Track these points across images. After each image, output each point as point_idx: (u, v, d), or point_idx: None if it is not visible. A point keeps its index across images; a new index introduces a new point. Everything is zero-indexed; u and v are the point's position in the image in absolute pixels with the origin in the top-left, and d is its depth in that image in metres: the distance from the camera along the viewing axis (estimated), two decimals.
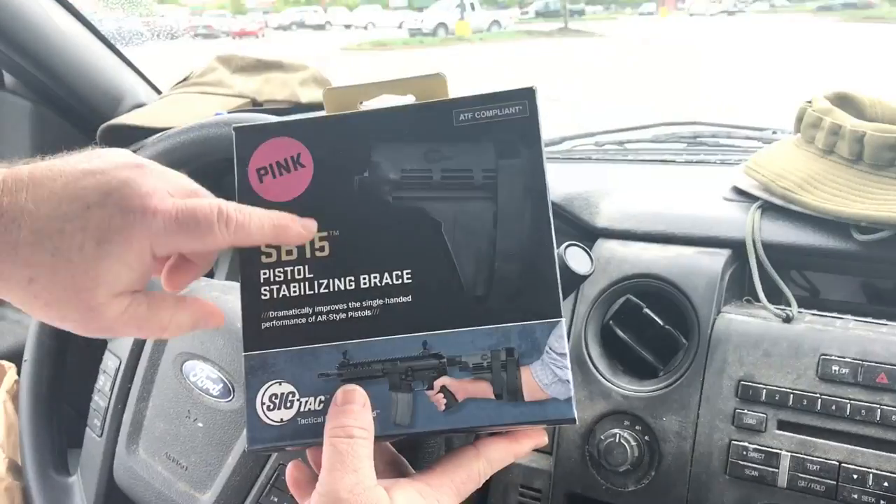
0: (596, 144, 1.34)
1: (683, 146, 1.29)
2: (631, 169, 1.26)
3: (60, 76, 1.17)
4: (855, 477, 0.71)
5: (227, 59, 1.37)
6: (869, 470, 0.71)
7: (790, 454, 0.74)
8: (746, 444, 0.76)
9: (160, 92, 1.40)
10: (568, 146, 1.35)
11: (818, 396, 0.74)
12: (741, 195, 0.94)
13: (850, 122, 0.86)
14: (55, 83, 1.18)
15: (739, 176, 0.95)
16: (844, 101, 0.92)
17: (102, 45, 1.22)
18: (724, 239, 0.87)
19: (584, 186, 0.99)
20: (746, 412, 0.76)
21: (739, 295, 0.87)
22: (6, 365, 1.34)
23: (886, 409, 0.71)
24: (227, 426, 0.91)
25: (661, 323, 0.84)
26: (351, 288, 0.49)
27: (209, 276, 1.30)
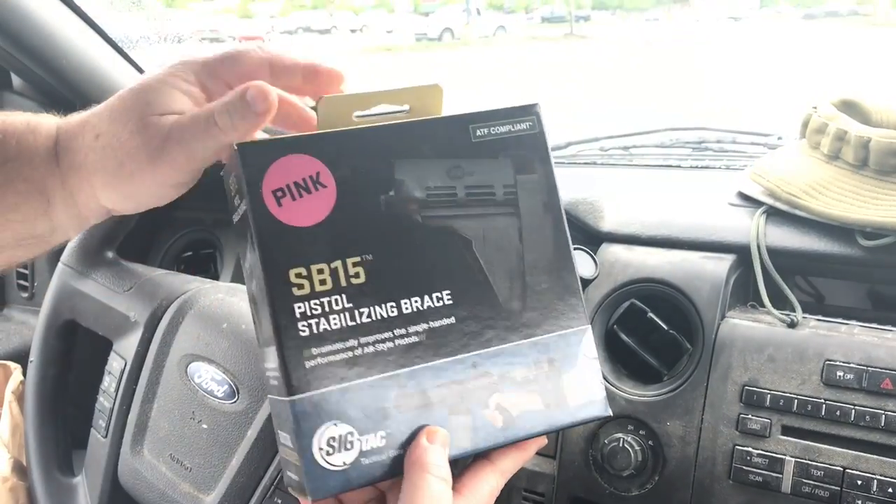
0: (601, 149, 1.34)
1: (688, 151, 1.29)
2: (636, 174, 1.26)
3: (68, 78, 1.17)
4: (859, 483, 0.71)
5: None
6: (873, 476, 0.71)
7: (794, 460, 0.74)
8: (750, 449, 0.76)
9: None
10: (573, 151, 1.35)
11: (822, 402, 0.74)
12: (746, 200, 0.94)
13: (855, 127, 0.86)
14: (62, 85, 1.18)
15: (744, 181, 0.95)
16: (850, 107, 0.92)
17: (110, 47, 1.23)
18: (728, 244, 0.88)
19: (589, 191, 1.00)
20: (750, 417, 0.76)
21: (744, 300, 0.87)
22: (12, 366, 1.35)
23: (891, 414, 0.71)
24: (231, 428, 0.91)
25: (665, 327, 0.84)
26: (394, 315, 0.47)
27: (214, 277, 1.30)
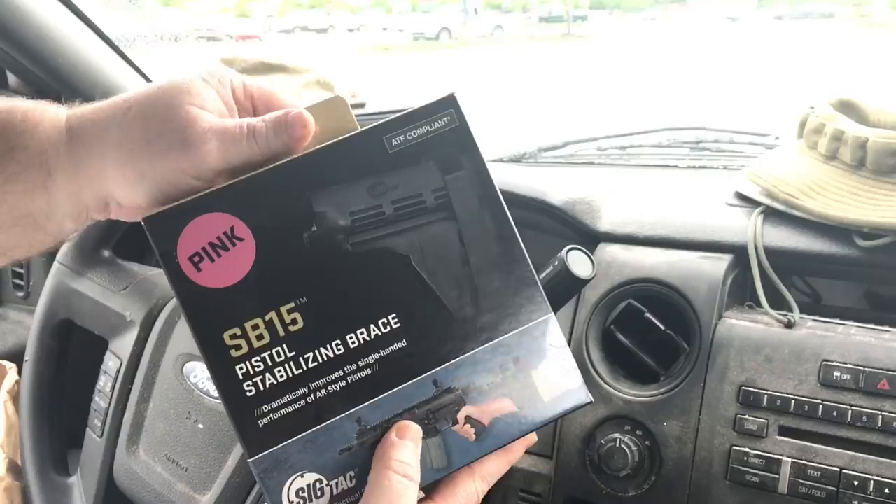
0: (598, 149, 1.34)
1: (686, 151, 1.29)
2: (633, 173, 1.26)
3: (63, 76, 1.17)
4: (856, 483, 0.71)
5: (231, 60, 1.37)
6: (870, 476, 0.70)
7: (791, 460, 0.74)
8: (747, 449, 0.75)
9: None
10: (570, 150, 1.35)
11: (819, 402, 0.74)
12: (744, 200, 0.94)
13: (852, 128, 0.86)
14: (58, 83, 1.18)
15: (742, 181, 0.95)
16: (847, 107, 0.92)
17: (106, 45, 1.22)
18: (726, 244, 0.87)
19: (586, 191, 0.99)
20: (747, 418, 0.76)
21: (741, 300, 0.87)
22: (7, 365, 1.34)
23: (888, 415, 0.71)
24: (227, 428, 0.91)
25: (662, 328, 0.84)
26: (340, 352, 0.46)
27: None
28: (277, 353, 0.45)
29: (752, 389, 0.77)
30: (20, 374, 1.27)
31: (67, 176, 0.48)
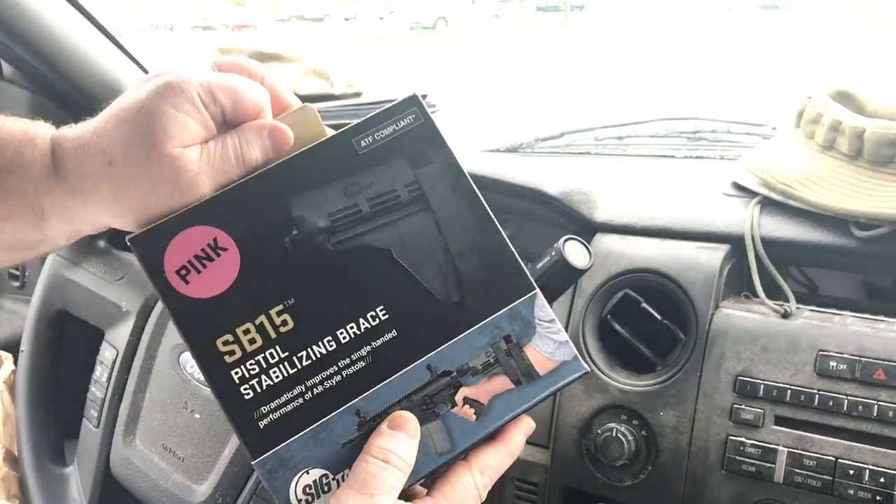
0: (595, 139, 1.34)
1: (683, 141, 1.29)
2: (630, 164, 1.26)
3: (58, 66, 1.17)
4: (851, 473, 0.71)
5: (227, 50, 1.37)
6: (865, 466, 0.71)
7: (787, 450, 0.74)
8: (743, 439, 0.76)
9: None
10: (567, 140, 1.35)
11: (815, 392, 0.74)
12: (741, 191, 0.94)
13: (850, 118, 0.86)
14: (53, 73, 1.18)
15: (739, 171, 0.95)
16: (845, 97, 0.92)
17: (101, 34, 1.22)
18: (723, 234, 0.87)
19: (583, 181, 0.99)
20: (744, 407, 0.76)
21: (738, 290, 0.87)
22: (3, 355, 1.34)
23: (883, 405, 0.71)
24: (223, 418, 0.91)
25: (658, 318, 0.84)
26: (333, 348, 0.47)
27: None
28: (271, 354, 0.47)
29: (748, 379, 0.77)
30: (16, 364, 1.27)
31: (61, 218, 0.49)
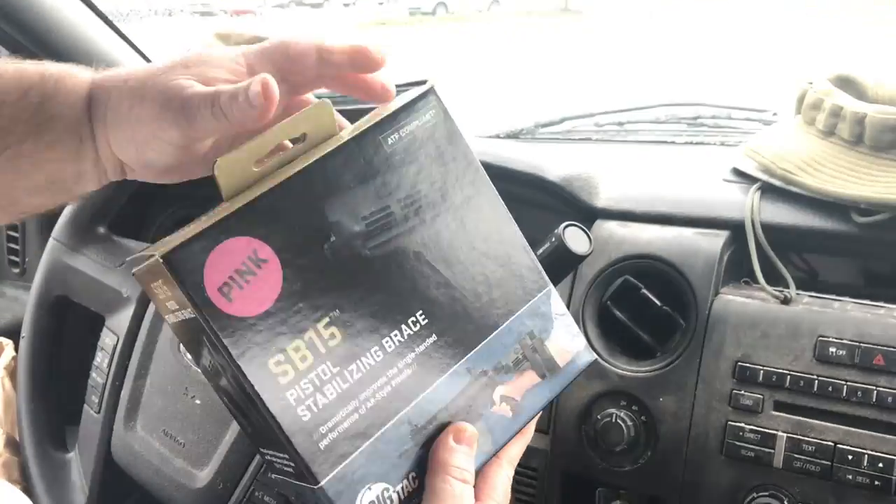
0: (596, 125, 1.33)
1: (684, 127, 1.28)
2: (631, 149, 1.26)
3: (56, 51, 1.16)
4: (850, 458, 0.71)
5: (225, 35, 1.36)
6: (864, 451, 0.71)
7: (786, 435, 0.74)
8: (743, 424, 0.76)
9: None
10: (568, 126, 1.35)
11: (815, 378, 0.74)
12: (741, 177, 0.93)
13: (851, 103, 0.85)
14: (51, 58, 1.17)
15: (739, 157, 0.95)
16: (846, 82, 0.92)
17: (99, 20, 1.21)
18: (723, 220, 0.87)
19: (583, 167, 0.99)
20: (743, 393, 0.77)
21: (738, 276, 0.87)
22: (4, 341, 1.35)
23: (883, 390, 0.72)
24: (225, 410, 0.91)
25: (658, 304, 0.84)
26: (380, 358, 0.46)
27: None
28: (323, 371, 0.44)
29: (747, 365, 0.77)
30: (17, 350, 1.27)
31: (92, 143, 0.50)
